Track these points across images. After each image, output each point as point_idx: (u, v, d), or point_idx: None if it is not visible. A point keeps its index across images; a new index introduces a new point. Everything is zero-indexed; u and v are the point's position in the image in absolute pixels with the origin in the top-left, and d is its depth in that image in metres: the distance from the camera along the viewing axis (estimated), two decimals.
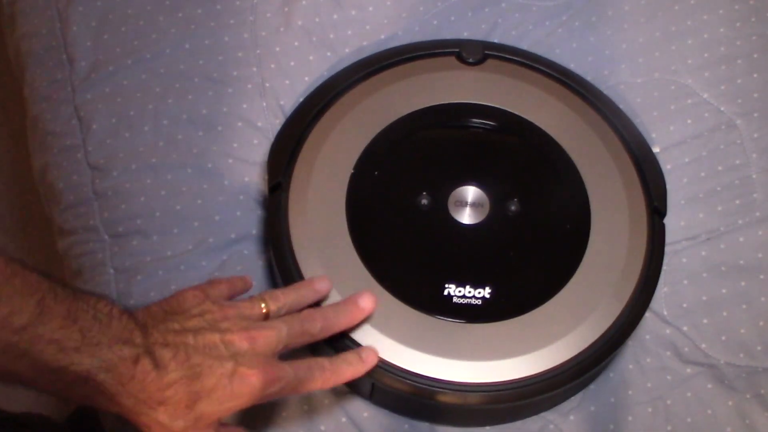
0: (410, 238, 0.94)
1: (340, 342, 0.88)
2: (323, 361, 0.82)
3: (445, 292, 0.90)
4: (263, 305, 0.81)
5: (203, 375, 0.73)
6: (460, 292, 0.90)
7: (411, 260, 0.93)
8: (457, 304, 0.90)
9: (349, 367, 0.83)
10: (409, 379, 0.87)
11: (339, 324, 0.85)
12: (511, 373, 0.87)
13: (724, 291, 1.00)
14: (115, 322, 0.70)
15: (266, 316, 0.81)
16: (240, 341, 0.76)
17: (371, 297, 0.87)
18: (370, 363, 0.85)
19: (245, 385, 0.74)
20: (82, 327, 0.67)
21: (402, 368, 0.87)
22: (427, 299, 0.90)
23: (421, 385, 0.87)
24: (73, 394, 0.68)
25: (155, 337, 0.72)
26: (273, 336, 0.78)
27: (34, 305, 0.65)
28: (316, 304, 0.89)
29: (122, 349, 0.69)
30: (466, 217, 0.95)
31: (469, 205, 0.95)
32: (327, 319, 0.84)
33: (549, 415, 0.95)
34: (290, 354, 0.83)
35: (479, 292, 0.90)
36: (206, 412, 0.73)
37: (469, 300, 0.90)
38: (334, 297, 0.90)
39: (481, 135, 1.01)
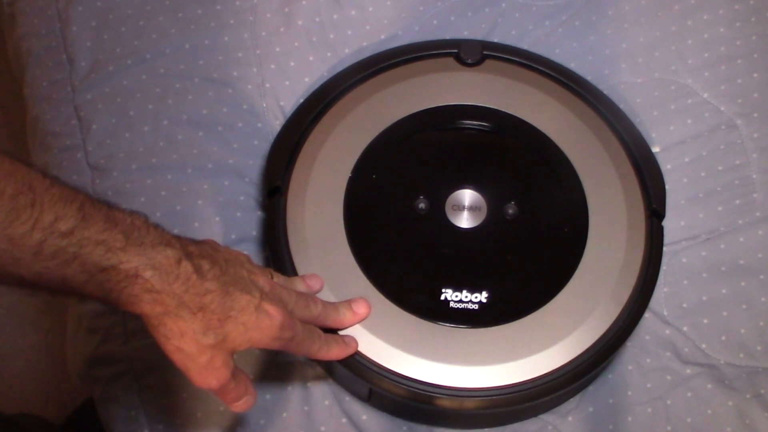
0: (407, 242, 0.94)
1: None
2: (320, 332, 0.84)
3: (442, 297, 0.90)
4: (270, 274, 0.84)
5: (235, 295, 0.75)
6: (457, 297, 0.90)
7: (408, 265, 0.93)
8: (454, 309, 0.90)
9: (335, 345, 0.86)
10: (406, 385, 0.87)
11: (331, 319, 0.87)
12: (509, 378, 0.87)
13: (724, 291, 1.00)
14: (152, 229, 0.72)
15: None
16: (264, 282, 0.79)
17: (366, 305, 0.89)
18: (352, 348, 0.87)
19: (267, 319, 0.76)
20: (124, 230, 0.69)
21: (399, 373, 0.87)
22: (424, 304, 0.90)
23: (418, 391, 0.87)
24: (121, 296, 0.69)
25: (192, 249, 0.74)
26: (286, 294, 0.81)
27: (76, 210, 0.66)
28: None
29: (165, 249, 0.71)
30: (464, 221, 0.95)
31: (466, 208, 0.95)
32: (325, 309, 0.86)
33: (547, 417, 0.95)
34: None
35: (476, 297, 0.90)
36: (232, 334, 0.74)
37: (466, 305, 0.90)
38: (331, 299, 0.90)
39: (478, 137, 1.01)
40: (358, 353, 0.88)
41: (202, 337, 0.73)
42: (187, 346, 0.73)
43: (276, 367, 0.95)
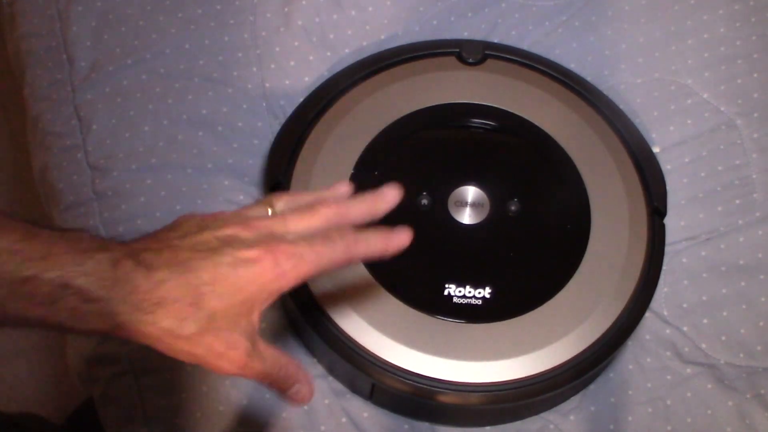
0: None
1: (333, 333, 0.89)
2: (345, 230, 0.71)
3: (446, 292, 0.90)
4: (269, 208, 0.72)
5: (197, 268, 0.64)
6: (460, 292, 0.91)
7: (411, 260, 0.92)
8: (457, 304, 0.90)
9: (374, 237, 0.73)
10: (409, 379, 0.87)
11: (356, 210, 0.74)
12: (511, 373, 0.88)
13: (724, 291, 1.00)
14: (86, 239, 0.63)
15: None
16: (238, 230, 0.67)
17: (393, 189, 0.77)
18: (403, 236, 0.74)
19: (254, 266, 0.65)
20: (46, 241, 0.61)
21: (402, 368, 0.87)
22: (427, 299, 0.90)
23: (421, 385, 0.87)
24: (61, 313, 0.61)
25: (137, 245, 0.65)
26: (277, 222, 0.70)
27: None
28: None
29: (97, 254, 0.62)
30: (467, 217, 0.95)
31: (469, 205, 0.95)
32: (340, 207, 0.73)
33: (549, 416, 0.95)
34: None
35: (479, 292, 0.91)
36: (218, 308, 0.64)
37: (469, 300, 0.90)
38: (336, 298, 0.90)
39: (481, 135, 1.01)
40: (361, 348, 0.88)
41: (180, 331, 0.63)
42: (172, 345, 0.64)
43: None
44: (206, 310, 0.64)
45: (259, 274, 0.65)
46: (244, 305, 0.66)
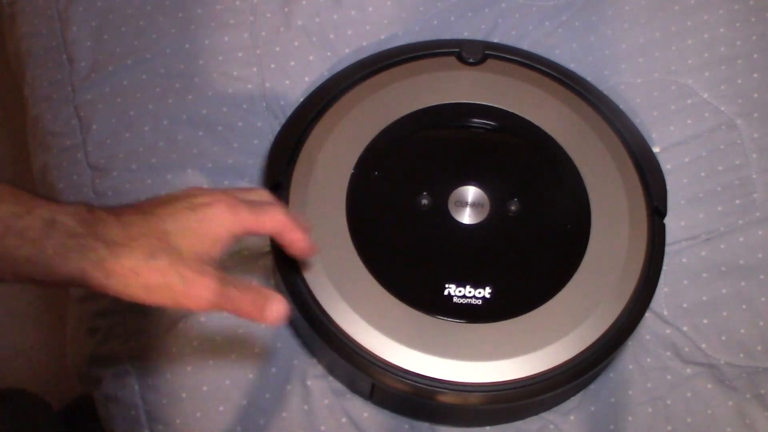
0: (411, 238, 0.94)
1: (333, 333, 0.89)
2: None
3: (446, 292, 0.90)
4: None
5: (159, 213, 0.71)
6: (460, 292, 0.91)
7: (411, 260, 0.93)
8: (457, 304, 0.90)
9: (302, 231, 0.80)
10: (409, 379, 0.87)
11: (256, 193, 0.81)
12: (511, 373, 0.87)
13: (724, 291, 1.00)
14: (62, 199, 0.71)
15: None
16: (189, 191, 0.75)
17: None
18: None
19: (209, 208, 0.72)
20: (31, 194, 0.69)
21: (402, 368, 0.87)
22: (427, 299, 0.90)
23: (421, 385, 0.87)
24: (49, 249, 0.66)
25: (103, 205, 0.73)
26: (221, 193, 0.76)
27: None
28: None
29: (73, 203, 0.69)
30: (467, 217, 0.95)
31: (469, 205, 0.95)
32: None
33: (549, 416, 0.95)
34: None
35: (479, 292, 0.90)
36: (184, 245, 0.70)
37: (469, 300, 0.90)
38: (336, 298, 0.90)
39: (481, 135, 1.01)
40: (361, 348, 0.88)
41: (153, 262, 0.69)
42: (147, 279, 0.69)
43: (275, 366, 0.95)
44: (174, 245, 0.70)
45: (216, 214, 0.72)
46: (205, 240, 0.72)
